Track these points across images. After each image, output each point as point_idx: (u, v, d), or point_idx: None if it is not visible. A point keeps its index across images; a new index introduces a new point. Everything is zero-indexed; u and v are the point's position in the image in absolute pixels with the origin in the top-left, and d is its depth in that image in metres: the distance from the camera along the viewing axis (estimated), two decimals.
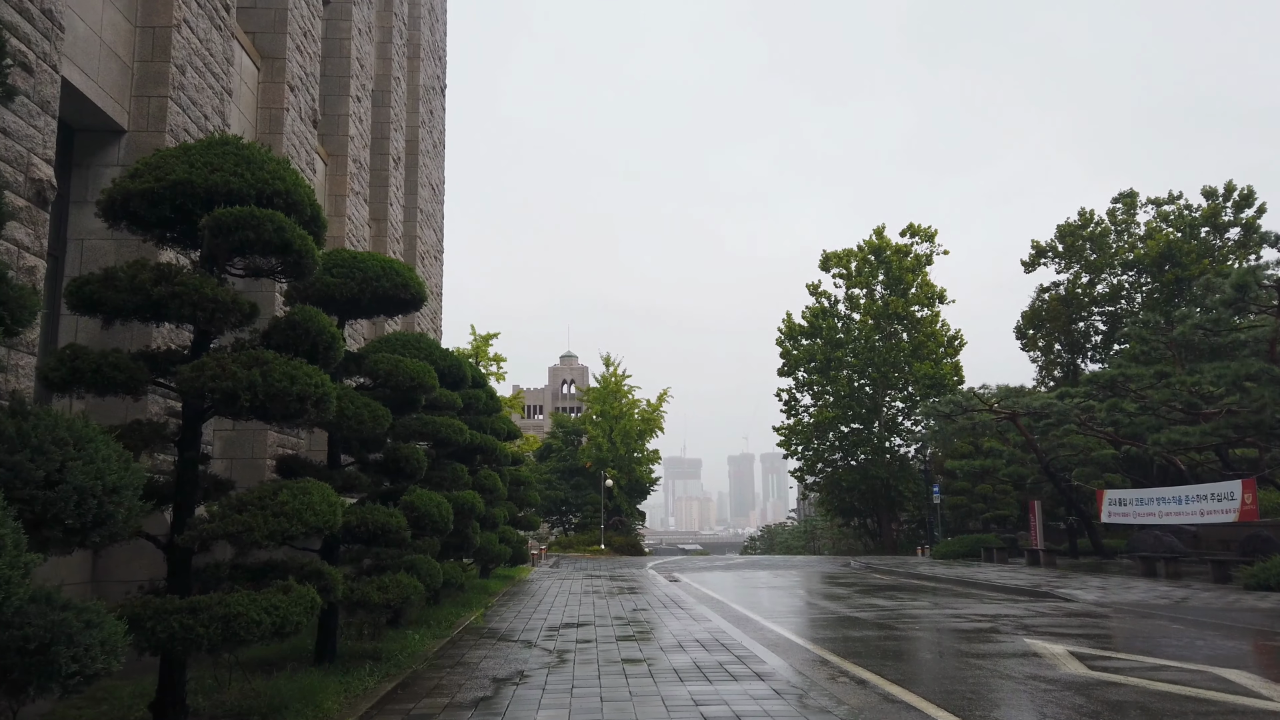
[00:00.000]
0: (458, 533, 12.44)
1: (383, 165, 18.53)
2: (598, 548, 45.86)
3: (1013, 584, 19.46)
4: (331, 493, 5.80)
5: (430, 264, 23.38)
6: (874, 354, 51.79)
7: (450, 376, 12.33)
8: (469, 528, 12.39)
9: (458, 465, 12.32)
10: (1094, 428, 30.14)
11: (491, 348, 47.17)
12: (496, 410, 18.39)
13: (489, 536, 15.04)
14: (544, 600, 16.46)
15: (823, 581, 23.07)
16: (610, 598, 17.02)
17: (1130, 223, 51.16)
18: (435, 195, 24.37)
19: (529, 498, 23.18)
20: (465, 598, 16.01)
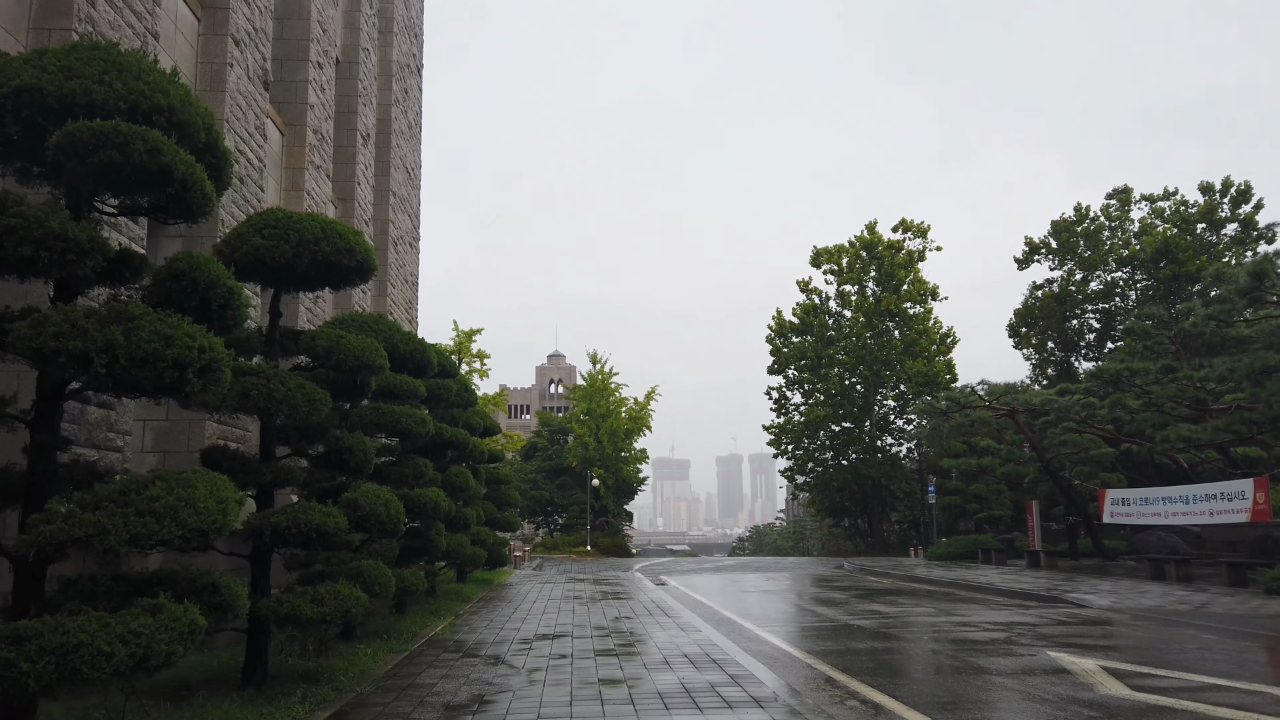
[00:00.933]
0: (419, 534, 11.27)
1: (349, 141, 17.33)
2: (583, 549, 44.68)
3: (1018, 588, 18.42)
4: (226, 486, 4.64)
5: (405, 251, 22.17)
6: (865, 351, 50.83)
7: (413, 363, 11.15)
8: (433, 529, 11.21)
9: (421, 460, 11.14)
10: (1094, 425, 29.22)
11: (475, 344, 45.97)
12: (471, 404, 17.21)
13: (458, 538, 13.87)
14: (520, 607, 15.29)
15: (817, 585, 21.98)
16: (592, 604, 15.87)
17: (1125, 219, 50.39)
18: (410, 179, 23.16)
19: (509, 497, 22.00)
20: (435, 605, 14.83)
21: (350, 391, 8.28)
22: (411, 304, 23.13)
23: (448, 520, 13.51)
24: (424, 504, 10.37)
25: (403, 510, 7.83)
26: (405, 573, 10.23)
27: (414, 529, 11.25)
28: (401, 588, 10.09)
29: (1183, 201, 48.73)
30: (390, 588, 8.11)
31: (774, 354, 53.47)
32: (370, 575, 7.84)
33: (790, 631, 12.30)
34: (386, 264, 20.28)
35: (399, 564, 11.36)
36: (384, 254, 20.30)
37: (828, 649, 10.51)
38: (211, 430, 10.23)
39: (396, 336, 10.83)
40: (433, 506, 10.50)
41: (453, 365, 14.54)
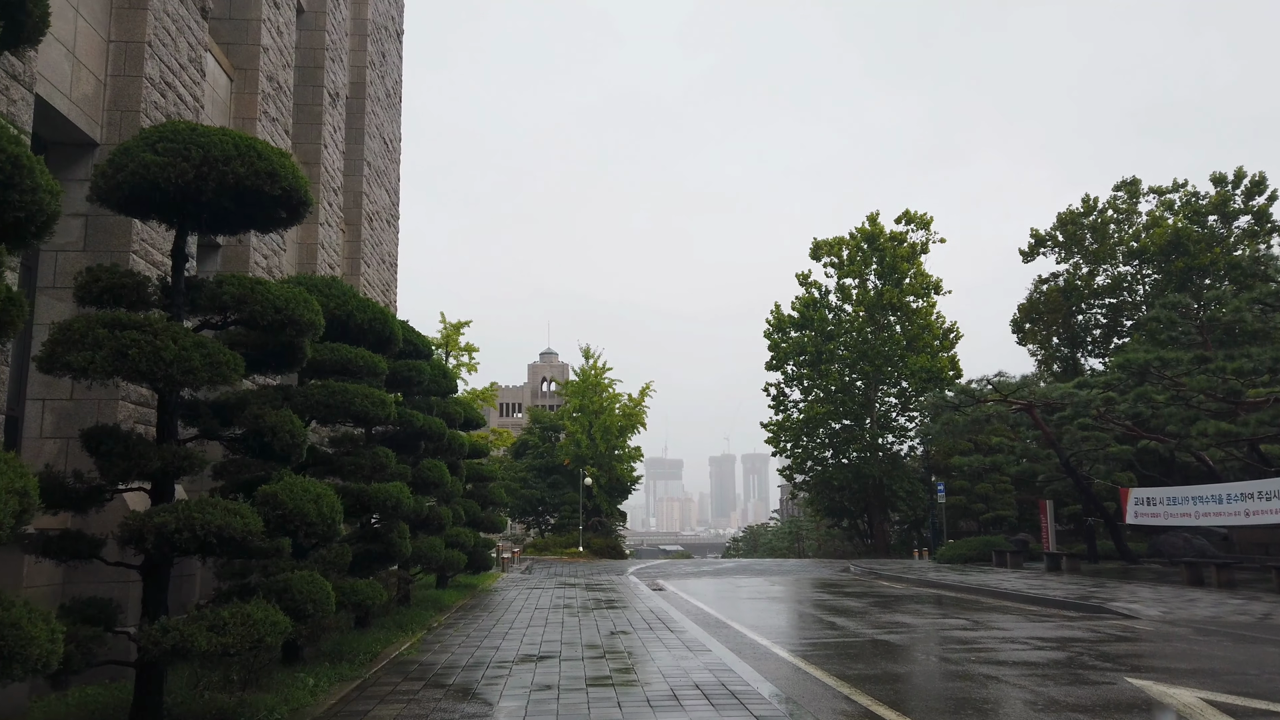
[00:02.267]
0: (378, 537, 9.56)
1: (315, 99, 15.59)
2: (575, 550, 42.96)
3: (1049, 595, 16.80)
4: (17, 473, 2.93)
5: (381, 227, 20.43)
6: (867, 346, 49.24)
7: (374, 335, 9.44)
8: (394, 530, 9.49)
9: (382, 450, 9.43)
10: (1112, 420, 27.68)
11: (463, 336, 44.23)
12: (450, 391, 15.51)
13: (430, 541, 12.17)
14: (503, 618, 13.59)
15: (826, 590, 20.33)
16: (584, 614, 14.19)
17: (1133, 212, 48.93)
18: (388, 151, 21.42)
19: (494, 495, 20.29)
20: (406, 615, 13.12)
21: (279, 359, 6.58)
22: (390, 286, 21.39)
23: (416, 520, 11.82)
24: (382, 501, 8.66)
25: (339, 508, 6.13)
26: (360, 584, 8.52)
27: (373, 531, 9.55)
28: (356, 601, 8.37)
29: (1193, 193, 47.32)
30: (329, 606, 6.40)
31: (772, 349, 51.85)
32: (301, 591, 6.13)
33: (812, 650, 10.64)
34: (360, 239, 18.55)
35: (355, 571, 9.65)
36: (356, 228, 18.57)
37: (863, 674, 8.84)
38: (127, 412, 8.50)
39: (351, 302, 9.12)
40: (393, 504, 8.79)
41: (425, 343, 12.84)
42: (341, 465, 9.09)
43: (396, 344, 9.88)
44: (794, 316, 51.24)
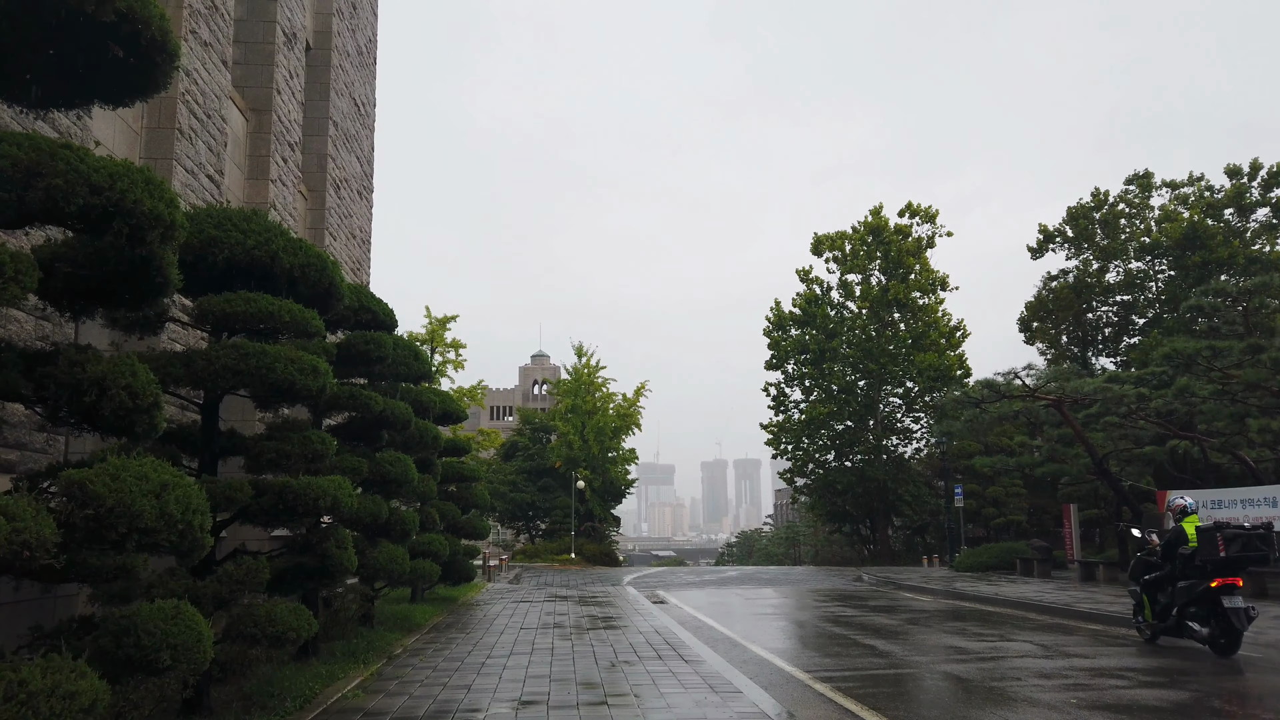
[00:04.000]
0: (307, 548, 7.39)
1: (266, 35, 13.43)
2: (567, 556, 40.72)
3: (1108, 611, 14.70)
4: None
5: (350, 198, 18.26)
6: (871, 344, 47.24)
7: (306, 286, 7.29)
8: (331, 538, 7.32)
9: (317, 434, 7.27)
10: (1143, 417, 25.70)
11: (449, 332, 42.01)
12: (423, 376, 13.35)
13: (389, 550, 9.99)
14: (482, 642, 11.42)
15: (848, 605, 18.22)
16: (578, 636, 12.04)
17: (1145, 207, 47.13)
18: (360, 114, 19.27)
19: (476, 496, 18.09)
20: (366, 639, 10.95)
21: (130, 287, 4.42)
22: (361, 265, 19.22)
23: (374, 526, 9.66)
24: (313, 500, 6.50)
25: (201, 506, 3.98)
26: (279, 609, 6.35)
27: (302, 539, 7.38)
28: (273, 634, 6.20)
29: (1208, 186, 45.55)
30: (199, 652, 4.26)
31: (772, 347, 49.84)
32: (151, 631, 4.00)
33: (867, 688, 8.50)
34: (324, 207, 16.39)
35: (283, 590, 7.49)
36: (320, 195, 16.41)
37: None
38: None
39: (276, 241, 6.96)
40: (329, 504, 6.63)
41: (387, 313, 10.67)
42: (259, 452, 6.92)
43: (340, 299, 7.71)
44: (795, 314, 49.23)
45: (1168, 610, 11.32)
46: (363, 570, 9.83)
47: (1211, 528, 10.86)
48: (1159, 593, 11.61)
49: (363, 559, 9.84)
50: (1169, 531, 11.78)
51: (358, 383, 11.04)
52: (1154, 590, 11.74)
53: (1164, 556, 11.71)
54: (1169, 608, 11.26)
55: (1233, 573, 10.50)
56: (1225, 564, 10.46)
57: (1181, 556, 11.14)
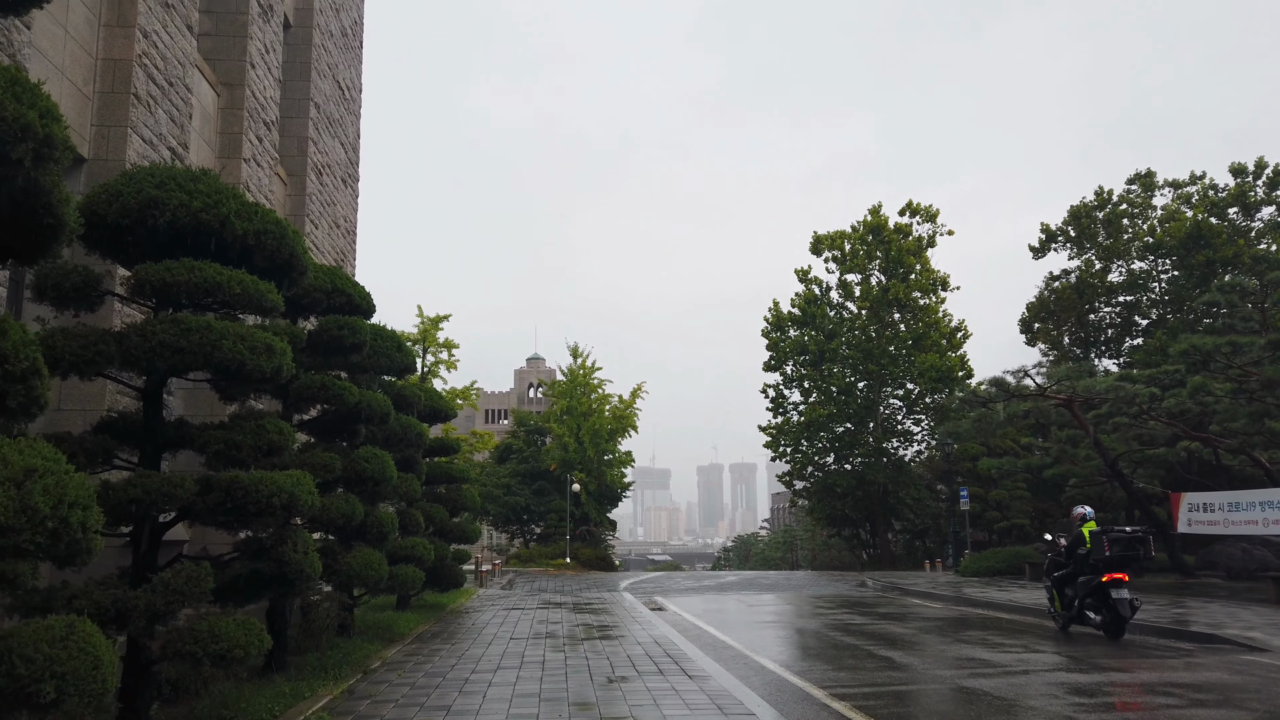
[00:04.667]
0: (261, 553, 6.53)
1: (239, 4, 12.58)
2: (562, 561, 39.82)
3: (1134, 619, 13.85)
4: None
5: (334, 185, 17.41)
6: (871, 345, 46.46)
7: (263, 255, 6.45)
8: (288, 541, 6.46)
9: (273, 422, 6.42)
10: (1155, 417, 24.93)
11: (442, 331, 41.12)
12: (406, 369, 12.50)
13: (366, 555, 9.11)
14: (468, 655, 10.56)
15: (856, 612, 17.38)
16: (572, 647, 11.18)
17: (1148, 206, 46.50)
18: (344, 98, 18.43)
19: (466, 498, 17.21)
20: (341, 651, 10.10)
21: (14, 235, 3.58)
22: (346, 256, 18.36)
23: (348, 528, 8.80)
24: (265, 497, 5.65)
25: (82, 500, 3.14)
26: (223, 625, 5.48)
27: (255, 543, 6.52)
28: (215, 653, 5.35)
29: (1211, 185, 44.94)
30: (98, 683, 3.43)
31: (770, 348, 49.02)
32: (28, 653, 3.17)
33: (888, 705, 7.65)
34: (304, 193, 15.54)
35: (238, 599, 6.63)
36: (301, 180, 15.57)
37: None
38: None
39: (227, 204, 6.12)
40: (285, 501, 5.77)
41: (364, 297, 9.80)
42: (204, 442, 6.07)
43: (302, 273, 6.87)
44: (794, 314, 48.43)
45: (1072, 602, 13.18)
46: (335, 577, 8.97)
47: (1100, 532, 12.72)
48: (1066, 587, 13.45)
49: (334, 564, 8.98)
50: (1073, 536, 13.45)
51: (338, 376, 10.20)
52: (1061, 585, 13.57)
53: (1068, 557, 13.47)
54: (1072, 600, 13.14)
55: (1119, 569, 12.41)
56: (1112, 562, 12.39)
57: (1079, 557, 13.03)
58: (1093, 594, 12.68)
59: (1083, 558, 12.93)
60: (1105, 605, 12.50)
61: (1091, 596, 12.72)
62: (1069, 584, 13.37)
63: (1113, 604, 12.32)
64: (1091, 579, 12.64)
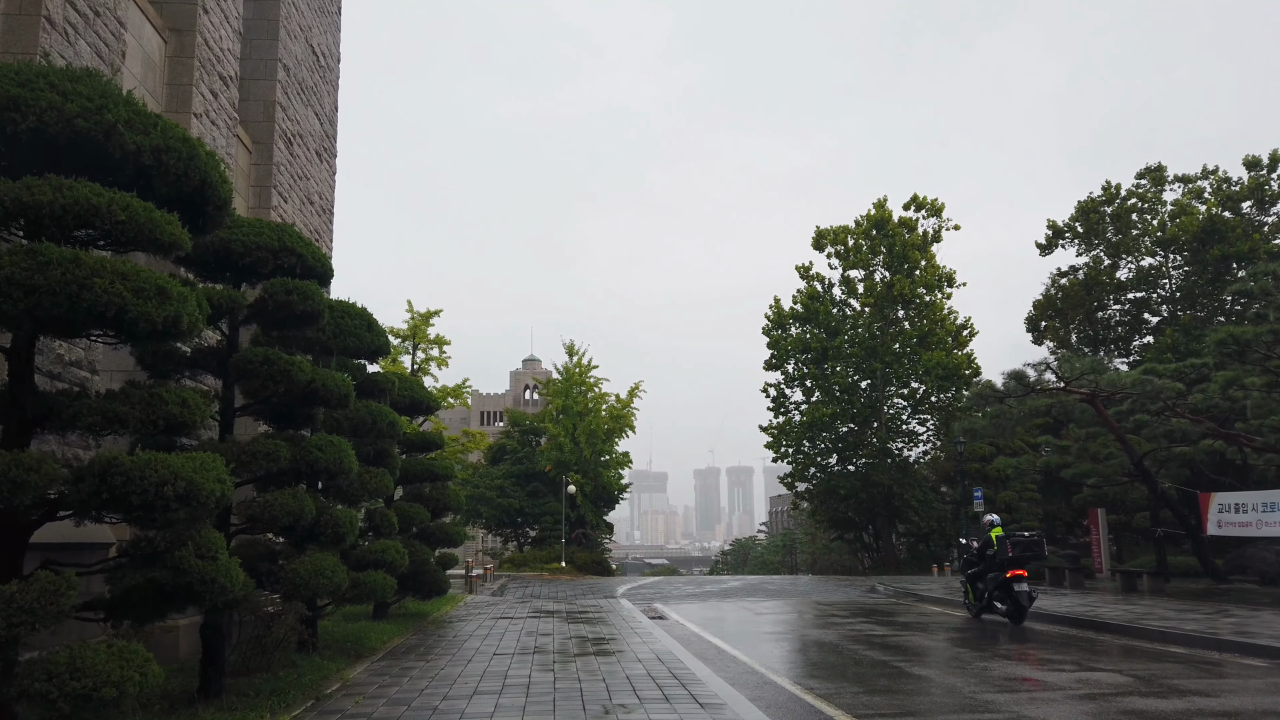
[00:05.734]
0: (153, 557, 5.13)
1: None
2: (557, 565, 38.40)
3: (1183, 629, 12.49)
4: None
5: (306, 157, 16.04)
6: (875, 343, 45.12)
7: (165, 179, 5.07)
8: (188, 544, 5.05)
9: (173, 390, 5.03)
10: (1181, 413, 23.64)
11: (433, 328, 39.73)
12: (377, 351, 11.13)
13: (317, 560, 7.69)
14: (442, 675, 9.18)
15: (874, 621, 16.00)
16: (563, 665, 9.81)
17: (1157, 201, 45.30)
18: (319, 65, 17.05)
19: (450, 498, 15.79)
20: (300, 670, 8.73)
21: None
22: (320, 235, 16.98)
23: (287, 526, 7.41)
24: (146, 484, 4.27)
25: None
26: (89, 652, 4.10)
27: (146, 544, 5.12)
28: (75, 694, 3.96)
29: (1224, 179, 43.73)
30: None
31: (771, 347, 47.64)
32: None
33: None
34: (271, 163, 14.16)
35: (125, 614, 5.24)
36: (267, 148, 14.19)
37: None
38: None
39: (114, 110, 4.75)
40: (183, 491, 4.40)
41: (320, 260, 8.39)
42: (74, 415, 4.69)
43: (220, 207, 5.48)
44: (796, 310, 47.07)
45: (983, 594, 15.58)
46: (278, 585, 7.57)
47: (1004, 536, 15.11)
48: (978, 582, 15.89)
49: (277, 571, 7.60)
50: (983, 539, 15.96)
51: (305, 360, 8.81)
52: (974, 581, 16.03)
53: (979, 557, 15.89)
54: (983, 592, 15.57)
55: (1019, 566, 14.72)
56: (1013, 561, 14.69)
57: (988, 557, 15.43)
58: (999, 587, 15.00)
59: (990, 558, 15.29)
60: (1009, 597, 14.72)
61: (998, 589, 15.04)
62: (980, 579, 15.82)
63: (1015, 595, 14.58)
64: (998, 575, 15.00)
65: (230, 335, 8.11)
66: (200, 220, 5.49)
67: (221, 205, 5.47)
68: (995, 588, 15.08)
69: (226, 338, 8.11)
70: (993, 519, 16.29)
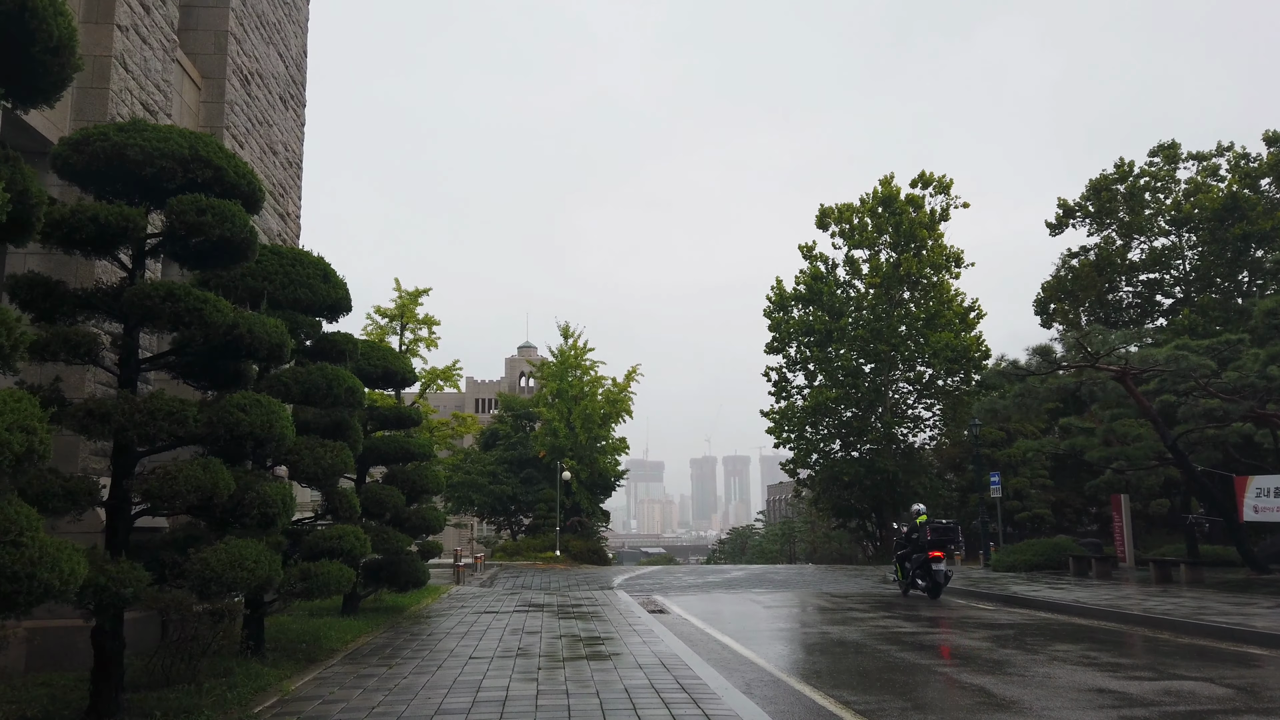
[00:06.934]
0: None
1: None
2: (551, 554, 36.93)
3: (1252, 626, 11.03)
4: None
5: (268, 100, 14.39)
6: (880, 324, 43.56)
7: None
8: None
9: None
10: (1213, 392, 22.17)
11: (421, 307, 38.03)
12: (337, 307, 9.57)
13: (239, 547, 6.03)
14: (398, 691, 7.65)
15: (894, 615, 14.51)
16: (549, 672, 8.29)
17: (1171, 179, 43.71)
18: (284, 1, 15.38)
19: (429, 481, 14.22)
20: (225, 684, 7.20)
21: None
22: (287, 190, 15.36)
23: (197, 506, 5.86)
24: None
25: None
26: None
27: None
28: None
29: (1243, 155, 42.09)
30: None
31: (773, 329, 46.07)
32: None
33: None
34: (224, 100, 12.54)
35: None
36: (218, 84, 12.56)
37: None
38: None
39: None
40: None
41: (245, 173, 6.80)
42: None
43: (56, 53, 3.89)
44: (799, 291, 45.48)
45: (909, 573, 17.89)
46: (184, 579, 6.00)
47: (926, 523, 17.49)
48: (905, 562, 18.21)
49: (182, 560, 6.04)
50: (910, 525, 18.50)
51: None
52: (902, 561, 18.38)
53: (906, 540, 18.36)
54: (910, 571, 17.88)
55: (938, 548, 16.92)
56: (932, 544, 16.93)
57: (913, 540, 17.87)
58: (920, 567, 17.39)
59: (915, 541, 17.73)
60: (929, 575, 17.11)
61: (919, 569, 17.41)
62: (907, 560, 18.11)
63: (933, 574, 16.99)
64: (920, 556, 17.36)
65: (133, 269, 6.53)
66: (25, 75, 3.88)
67: (57, 49, 3.87)
68: (918, 567, 17.49)
69: (130, 272, 6.53)
70: (919, 508, 18.91)
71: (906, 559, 18.06)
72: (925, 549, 17.03)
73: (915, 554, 17.59)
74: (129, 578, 5.37)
